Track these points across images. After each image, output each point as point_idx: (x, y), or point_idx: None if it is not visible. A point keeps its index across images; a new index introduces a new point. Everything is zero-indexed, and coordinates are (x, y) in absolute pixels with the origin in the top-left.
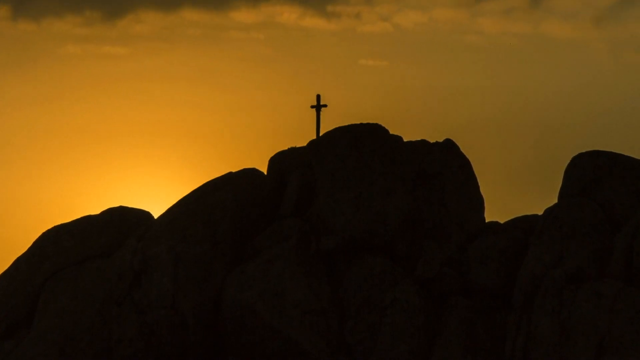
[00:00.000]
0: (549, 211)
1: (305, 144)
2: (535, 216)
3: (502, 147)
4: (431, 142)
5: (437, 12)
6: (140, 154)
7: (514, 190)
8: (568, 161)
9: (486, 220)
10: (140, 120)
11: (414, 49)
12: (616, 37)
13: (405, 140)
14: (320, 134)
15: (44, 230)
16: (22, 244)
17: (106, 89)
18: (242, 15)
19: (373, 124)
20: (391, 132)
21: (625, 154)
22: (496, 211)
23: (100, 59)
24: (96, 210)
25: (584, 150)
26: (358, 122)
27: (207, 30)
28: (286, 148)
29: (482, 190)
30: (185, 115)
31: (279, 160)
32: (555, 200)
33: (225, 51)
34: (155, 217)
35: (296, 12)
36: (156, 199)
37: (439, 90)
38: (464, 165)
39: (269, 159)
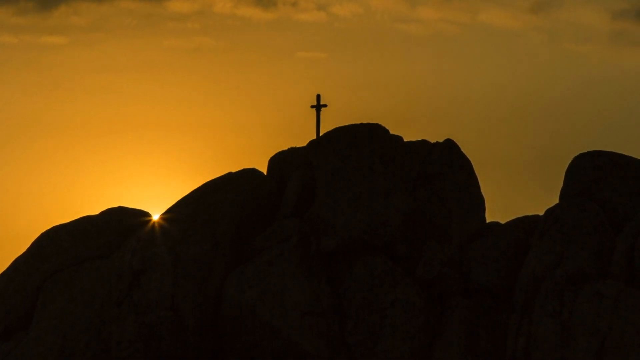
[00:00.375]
0: (549, 211)
1: (305, 144)
2: (536, 216)
3: (502, 147)
4: (432, 142)
5: (375, 1)
6: (138, 152)
7: (514, 191)
8: (569, 161)
9: (487, 221)
10: (100, 113)
11: (352, 40)
12: (555, 25)
13: (405, 140)
14: (320, 134)
15: (43, 230)
16: (21, 245)
17: (47, 79)
18: (178, 5)
19: (373, 124)
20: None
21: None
22: (497, 211)
23: (39, 49)
24: (95, 211)
25: (576, 151)
26: (358, 122)
27: (143, 20)
28: (286, 148)
29: (482, 190)
30: (142, 108)
31: (279, 160)
32: (556, 201)
33: (163, 41)
34: (155, 217)
35: (231, 0)
36: (155, 199)
37: (377, 82)
38: (465, 165)
39: (268, 159)
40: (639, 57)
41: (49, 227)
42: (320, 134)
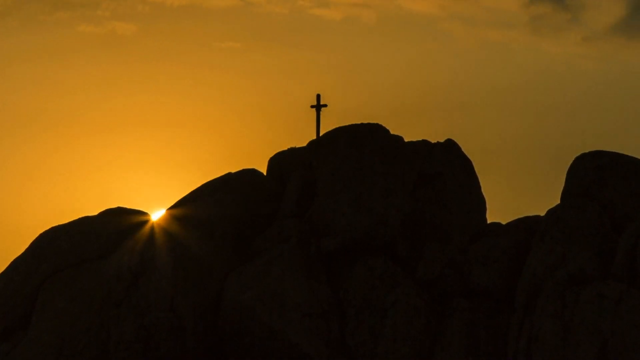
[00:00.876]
0: (551, 212)
1: (305, 144)
2: (537, 217)
3: (503, 147)
4: (432, 142)
5: None
6: (138, 152)
7: (516, 191)
8: (571, 161)
9: (488, 221)
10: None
11: (266, 28)
12: (473, 11)
13: (405, 140)
14: (320, 134)
15: (42, 231)
16: (20, 246)
17: None
18: None
19: (373, 124)
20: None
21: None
22: (498, 212)
23: None
24: (94, 211)
25: (581, 151)
26: (358, 122)
27: (54, 6)
28: (286, 148)
29: (483, 190)
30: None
31: (278, 161)
32: (558, 201)
33: (75, 27)
34: (154, 218)
35: None
36: (154, 200)
37: (295, 70)
38: (466, 165)
39: (268, 159)
40: (558, 42)
41: (47, 228)
42: (320, 134)
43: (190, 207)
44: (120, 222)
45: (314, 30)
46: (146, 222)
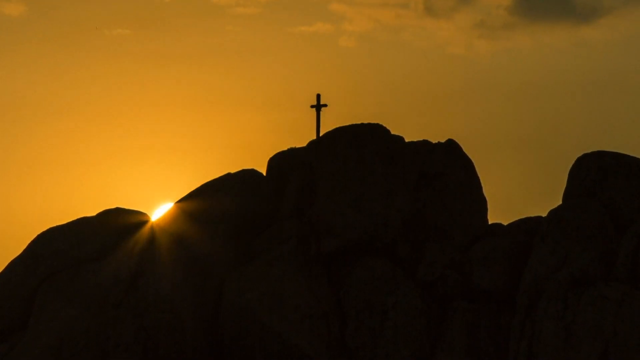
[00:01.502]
0: (553, 212)
1: (305, 144)
2: (539, 218)
3: (505, 148)
4: (433, 142)
5: None
6: (138, 153)
7: (517, 192)
8: (573, 162)
9: (489, 222)
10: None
11: (157, 14)
12: None
13: (406, 140)
14: (320, 134)
15: (39, 232)
16: (17, 246)
17: None
18: None
19: (374, 124)
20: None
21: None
22: (499, 213)
23: None
24: (92, 212)
25: (588, 151)
26: (358, 122)
27: None
28: (286, 148)
29: (485, 191)
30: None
31: (278, 161)
32: (560, 202)
33: None
34: (153, 218)
35: None
36: (154, 200)
37: (194, 58)
38: (467, 165)
39: (268, 159)
40: (453, 24)
41: (45, 229)
42: (320, 134)
43: (190, 207)
44: (119, 222)
45: (203, 14)
46: (145, 222)
